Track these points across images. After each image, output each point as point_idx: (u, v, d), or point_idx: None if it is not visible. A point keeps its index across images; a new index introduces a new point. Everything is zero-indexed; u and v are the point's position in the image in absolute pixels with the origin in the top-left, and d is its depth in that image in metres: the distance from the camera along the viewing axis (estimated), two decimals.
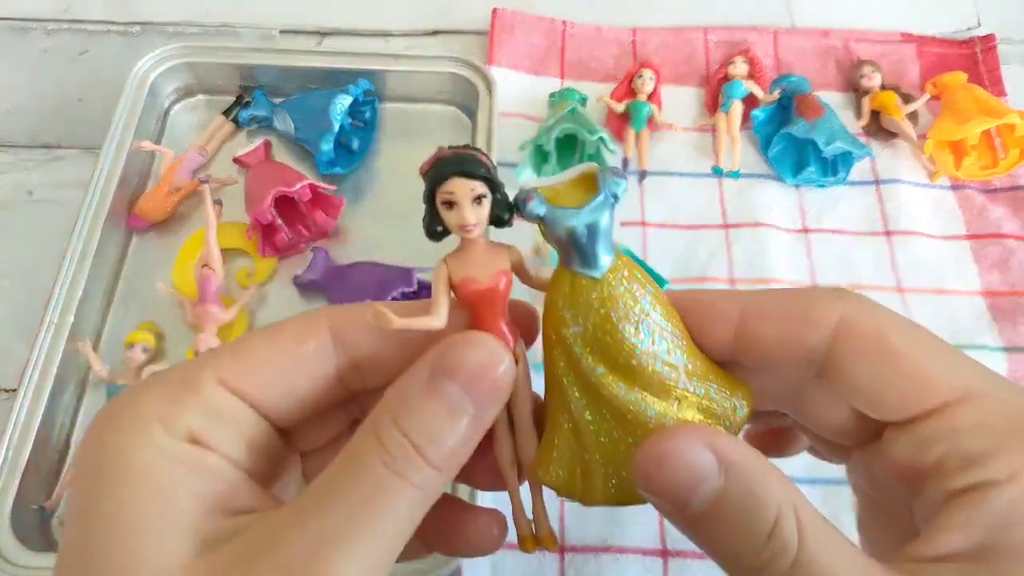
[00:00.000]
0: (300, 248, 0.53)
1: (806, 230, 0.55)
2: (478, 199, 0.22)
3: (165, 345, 0.49)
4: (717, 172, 0.57)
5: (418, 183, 0.22)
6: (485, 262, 0.23)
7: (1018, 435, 0.20)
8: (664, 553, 0.43)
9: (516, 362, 0.23)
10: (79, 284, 0.47)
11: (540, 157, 0.56)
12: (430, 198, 0.22)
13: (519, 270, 0.24)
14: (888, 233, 0.55)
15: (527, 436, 0.24)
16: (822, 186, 0.57)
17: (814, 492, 0.45)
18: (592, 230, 0.22)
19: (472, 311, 0.23)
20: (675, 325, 0.23)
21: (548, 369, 0.24)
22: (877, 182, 0.57)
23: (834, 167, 0.57)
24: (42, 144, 0.58)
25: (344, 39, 0.65)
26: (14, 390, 0.44)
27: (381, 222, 0.55)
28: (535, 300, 0.25)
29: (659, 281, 0.50)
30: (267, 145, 0.57)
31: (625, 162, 0.57)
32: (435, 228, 0.23)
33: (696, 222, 0.55)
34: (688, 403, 0.23)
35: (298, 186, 0.51)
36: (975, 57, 0.63)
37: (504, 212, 0.23)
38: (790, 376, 0.25)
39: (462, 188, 0.21)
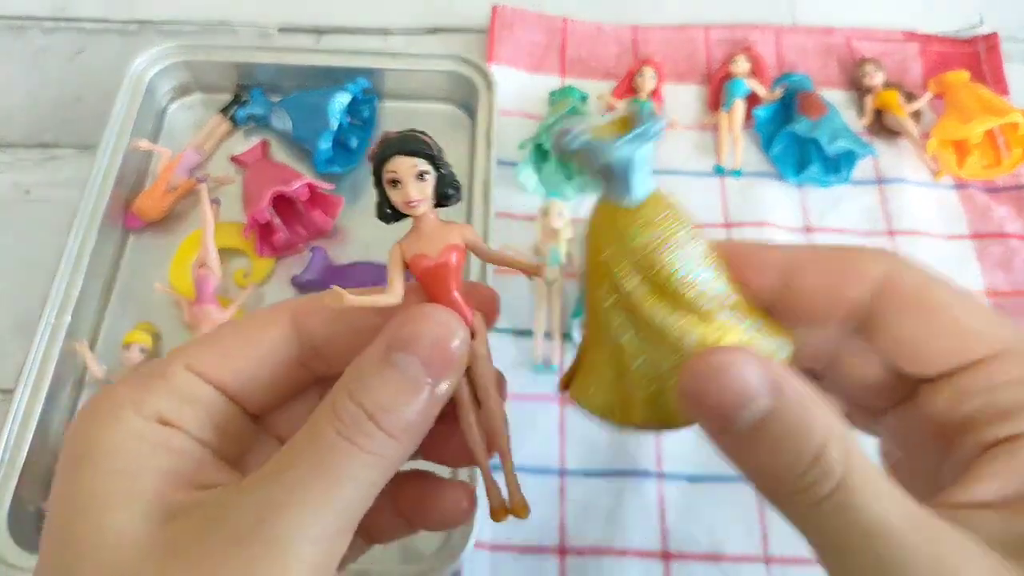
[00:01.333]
0: (298, 248, 0.53)
1: (808, 229, 0.55)
2: (420, 175, 0.23)
3: (162, 345, 0.49)
4: (719, 171, 0.57)
5: None
6: (436, 239, 0.23)
7: None
8: (666, 555, 0.43)
9: (473, 335, 0.23)
10: (76, 284, 0.47)
11: (540, 156, 0.56)
12: (378, 180, 0.23)
13: (474, 246, 0.24)
14: (891, 232, 0.55)
15: (492, 409, 0.25)
16: (824, 185, 0.56)
17: None
18: (631, 160, 0.22)
19: (426, 288, 0.23)
20: (716, 260, 0.23)
21: (589, 296, 0.24)
22: (880, 181, 0.57)
23: (836, 166, 0.56)
24: (39, 143, 0.58)
25: (342, 37, 0.64)
26: (11, 390, 0.44)
27: (380, 221, 0.54)
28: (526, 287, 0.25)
29: None
30: (265, 144, 0.57)
31: None
32: (385, 210, 0.24)
33: (697, 221, 0.55)
34: (731, 333, 0.23)
35: (296, 185, 0.50)
36: (978, 56, 0.62)
37: (449, 188, 0.23)
38: (828, 332, 0.24)
39: (404, 165, 0.23)
